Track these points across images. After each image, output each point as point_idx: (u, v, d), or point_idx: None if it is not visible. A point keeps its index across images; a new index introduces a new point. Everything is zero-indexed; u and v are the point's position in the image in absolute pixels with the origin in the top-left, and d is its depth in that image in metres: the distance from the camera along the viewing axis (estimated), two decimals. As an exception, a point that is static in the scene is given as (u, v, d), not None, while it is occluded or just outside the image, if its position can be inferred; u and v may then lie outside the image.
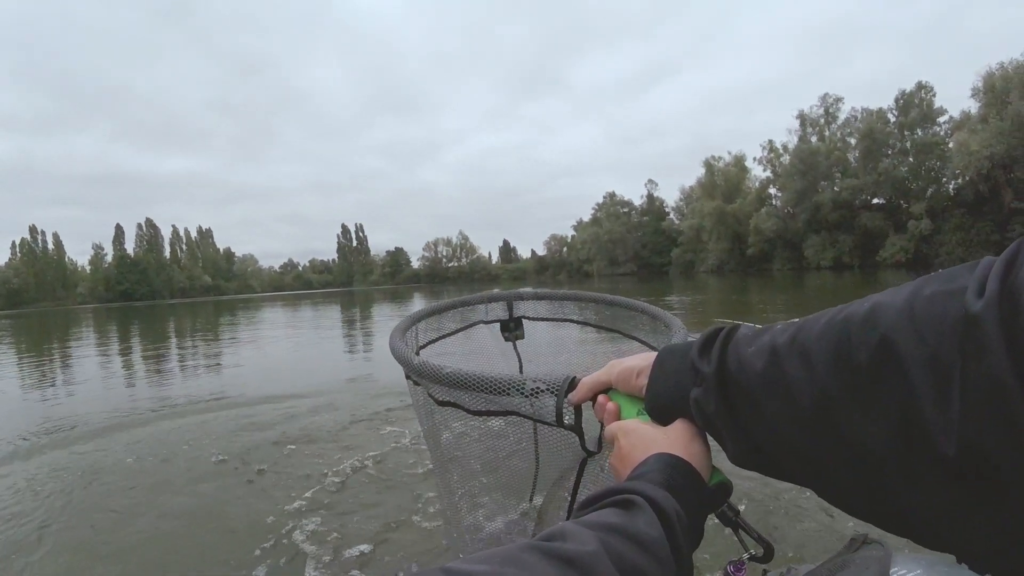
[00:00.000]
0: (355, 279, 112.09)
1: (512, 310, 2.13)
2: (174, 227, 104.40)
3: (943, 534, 0.41)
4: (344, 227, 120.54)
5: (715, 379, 0.55)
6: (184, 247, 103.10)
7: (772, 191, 55.93)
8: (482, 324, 2.09)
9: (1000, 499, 0.37)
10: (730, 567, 0.64)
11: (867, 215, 45.38)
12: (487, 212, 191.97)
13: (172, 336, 16.71)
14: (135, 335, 18.13)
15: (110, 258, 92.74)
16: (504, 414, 1.12)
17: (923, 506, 0.41)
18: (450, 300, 2.02)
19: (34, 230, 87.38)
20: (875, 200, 46.81)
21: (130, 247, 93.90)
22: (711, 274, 53.19)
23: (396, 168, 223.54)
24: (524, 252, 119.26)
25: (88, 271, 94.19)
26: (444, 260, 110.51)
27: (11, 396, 7.66)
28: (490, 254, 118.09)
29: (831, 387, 0.44)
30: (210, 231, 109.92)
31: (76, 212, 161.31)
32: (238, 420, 5.17)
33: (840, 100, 50.00)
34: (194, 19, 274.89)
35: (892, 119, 45.86)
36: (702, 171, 63.88)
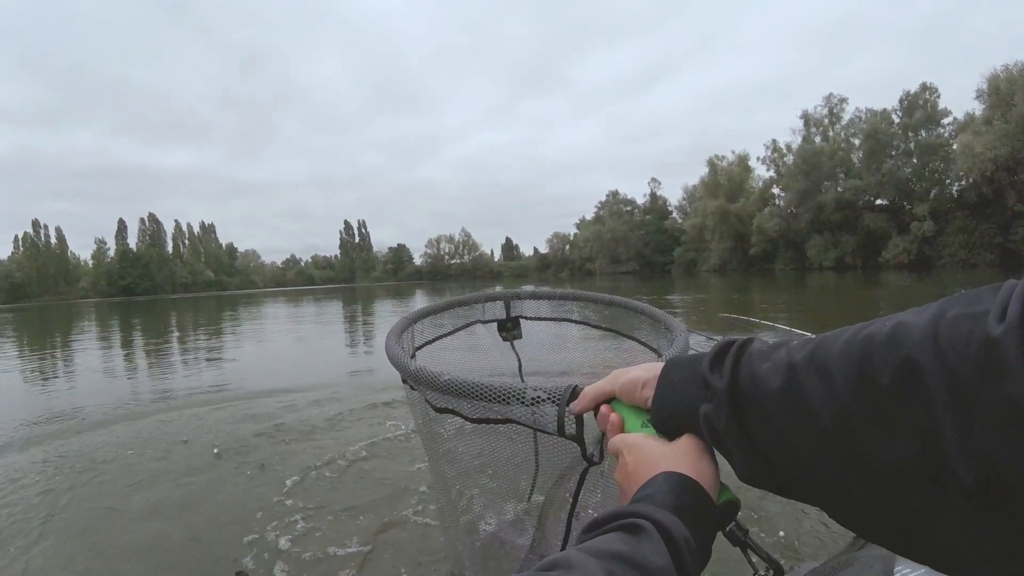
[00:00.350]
0: (357, 275, 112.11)
1: (509, 310, 2.10)
2: (176, 222, 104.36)
3: (963, 560, 0.40)
4: (346, 223, 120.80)
5: (727, 394, 0.54)
6: (186, 242, 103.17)
7: (775, 191, 55.82)
8: (479, 324, 2.07)
9: (1022, 526, 0.36)
10: None
11: (870, 216, 45.23)
12: (489, 209, 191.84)
13: (174, 330, 16.73)
14: (137, 329, 18.17)
15: (112, 252, 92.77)
16: (504, 422, 1.10)
17: (943, 530, 0.40)
18: (447, 300, 2.00)
19: (36, 224, 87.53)
20: (878, 201, 46.67)
21: (132, 242, 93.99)
22: (713, 273, 53.14)
23: (398, 164, 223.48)
24: (526, 250, 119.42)
25: (90, 265, 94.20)
26: (446, 257, 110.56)
27: (14, 388, 7.69)
28: (492, 251, 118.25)
29: (852, 406, 0.43)
30: (212, 226, 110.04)
31: (79, 206, 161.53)
32: (238, 413, 5.19)
33: (844, 100, 49.90)
34: (196, 13, 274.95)
35: (896, 120, 45.72)
36: (705, 170, 63.95)
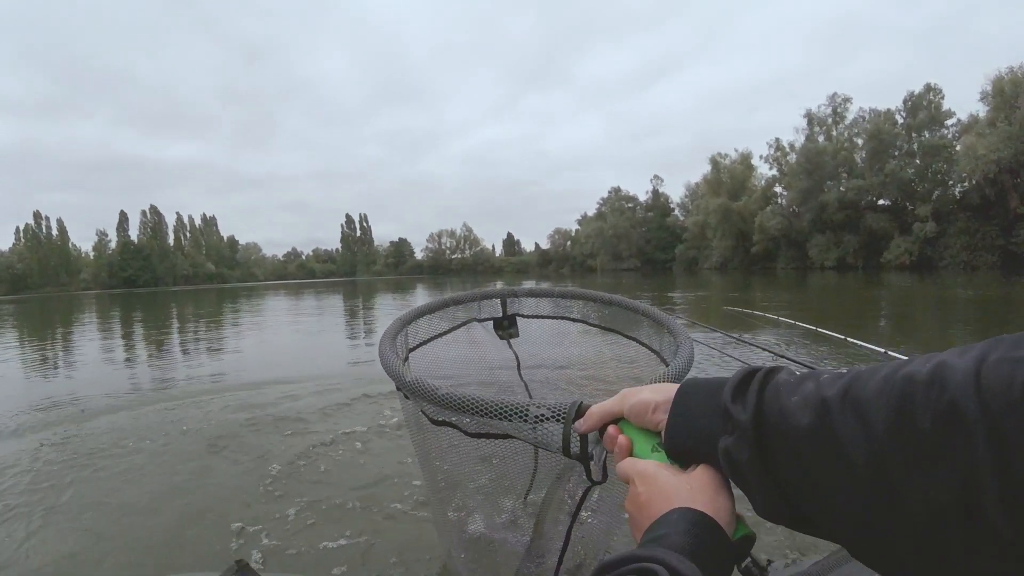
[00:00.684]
0: (358, 269, 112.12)
1: (506, 308, 2.08)
2: (178, 214, 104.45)
3: None
4: (348, 217, 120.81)
5: (751, 428, 0.52)
6: (188, 234, 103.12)
7: (778, 189, 55.66)
8: (476, 322, 2.05)
9: None
10: None
11: (872, 216, 45.09)
12: (491, 204, 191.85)
13: (175, 322, 16.74)
14: (138, 321, 18.18)
15: (114, 244, 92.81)
16: (504, 437, 1.08)
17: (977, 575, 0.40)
18: (442, 299, 1.97)
19: (38, 216, 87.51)
20: (881, 201, 46.51)
21: (134, 234, 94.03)
22: (714, 271, 53.13)
23: (400, 158, 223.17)
24: (528, 245, 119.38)
25: (91, 257, 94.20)
26: (448, 252, 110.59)
27: (14, 377, 7.71)
28: (494, 247, 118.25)
29: (889, 448, 0.42)
30: (214, 219, 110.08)
31: (80, 198, 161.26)
32: (237, 403, 5.22)
33: (848, 100, 49.67)
34: (200, 4, 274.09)
35: (900, 120, 45.54)
36: (707, 168, 63.81)
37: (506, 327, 2.07)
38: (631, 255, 76.91)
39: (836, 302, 15.72)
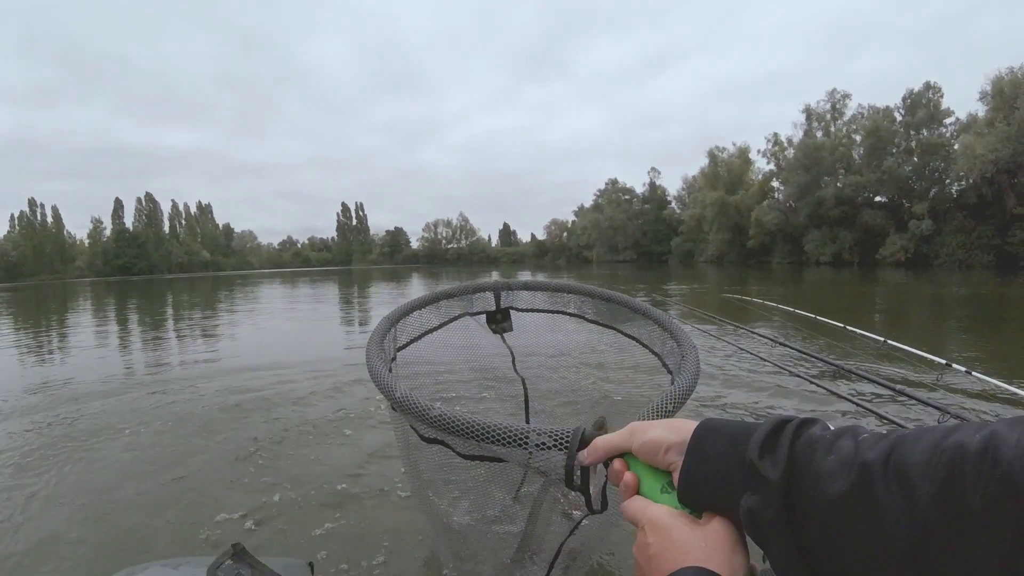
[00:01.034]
0: (354, 258, 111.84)
1: (499, 301, 2.02)
2: (173, 202, 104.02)
3: None
4: (344, 205, 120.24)
5: (781, 488, 0.48)
6: (183, 222, 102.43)
7: (775, 184, 55.65)
8: (468, 317, 1.99)
9: None
10: None
11: (869, 213, 45.13)
12: (488, 194, 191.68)
13: (169, 310, 16.68)
14: (133, 308, 18.09)
15: (109, 232, 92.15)
16: (500, 461, 1.03)
17: None
18: (432, 293, 1.91)
19: (33, 203, 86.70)
20: (877, 198, 46.55)
21: (129, 221, 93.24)
22: (710, 264, 53.16)
23: (398, 148, 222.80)
24: (524, 236, 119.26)
25: (86, 245, 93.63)
26: (443, 241, 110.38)
27: (8, 363, 7.67)
28: (490, 237, 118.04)
29: (933, 521, 0.40)
30: (210, 206, 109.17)
31: (76, 185, 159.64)
32: (229, 388, 5.22)
33: (847, 96, 49.59)
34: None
35: (899, 118, 45.48)
36: (705, 161, 63.64)
37: (499, 321, 2.03)
38: (627, 247, 76.95)
39: (832, 297, 15.76)
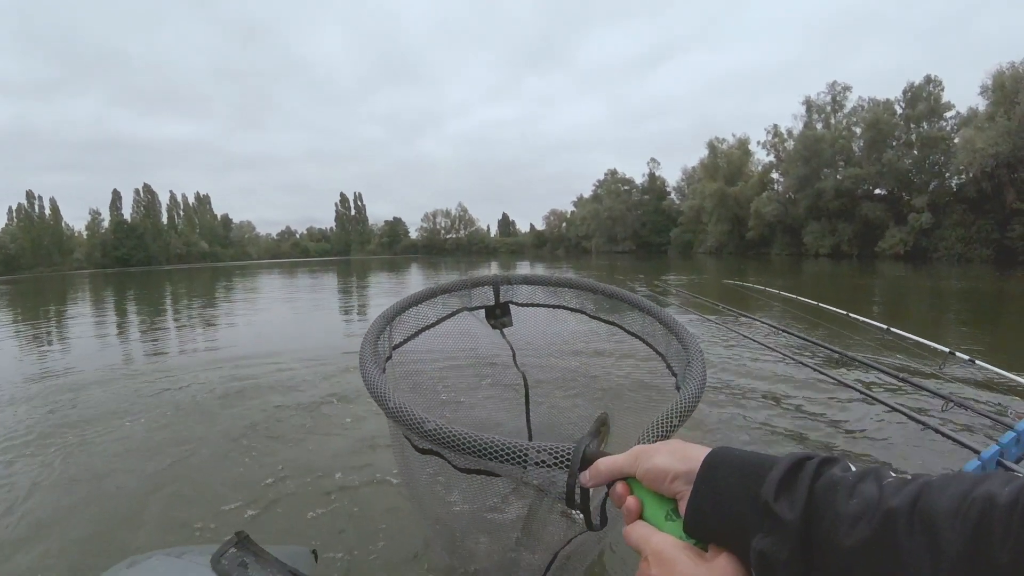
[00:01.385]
0: (352, 248, 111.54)
1: (498, 295, 1.98)
2: (172, 193, 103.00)
3: None
4: (343, 196, 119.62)
5: (798, 532, 0.46)
6: (181, 213, 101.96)
7: (775, 176, 55.51)
8: (466, 312, 1.95)
9: None
10: None
11: (868, 205, 45.04)
12: (487, 185, 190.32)
13: (168, 300, 16.65)
14: (131, 299, 18.07)
15: (107, 223, 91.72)
16: (496, 475, 1.00)
17: None
18: (429, 288, 1.86)
19: (31, 195, 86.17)
20: (877, 191, 46.42)
21: (127, 213, 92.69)
22: (709, 255, 53.16)
23: (397, 139, 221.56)
24: (523, 226, 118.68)
25: (84, 236, 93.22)
26: (442, 232, 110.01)
27: (8, 353, 7.66)
28: (489, 227, 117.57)
29: (959, 575, 0.39)
30: (208, 197, 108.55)
31: (73, 177, 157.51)
32: (227, 376, 5.23)
33: (848, 89, 49.35)
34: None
35: (899, 111, 45.29)
36: (705, 152, 63.44)
37: (498, 316, 1.99)
38: (626, 238, 76.82)
39: (831, 288, 15.77)
